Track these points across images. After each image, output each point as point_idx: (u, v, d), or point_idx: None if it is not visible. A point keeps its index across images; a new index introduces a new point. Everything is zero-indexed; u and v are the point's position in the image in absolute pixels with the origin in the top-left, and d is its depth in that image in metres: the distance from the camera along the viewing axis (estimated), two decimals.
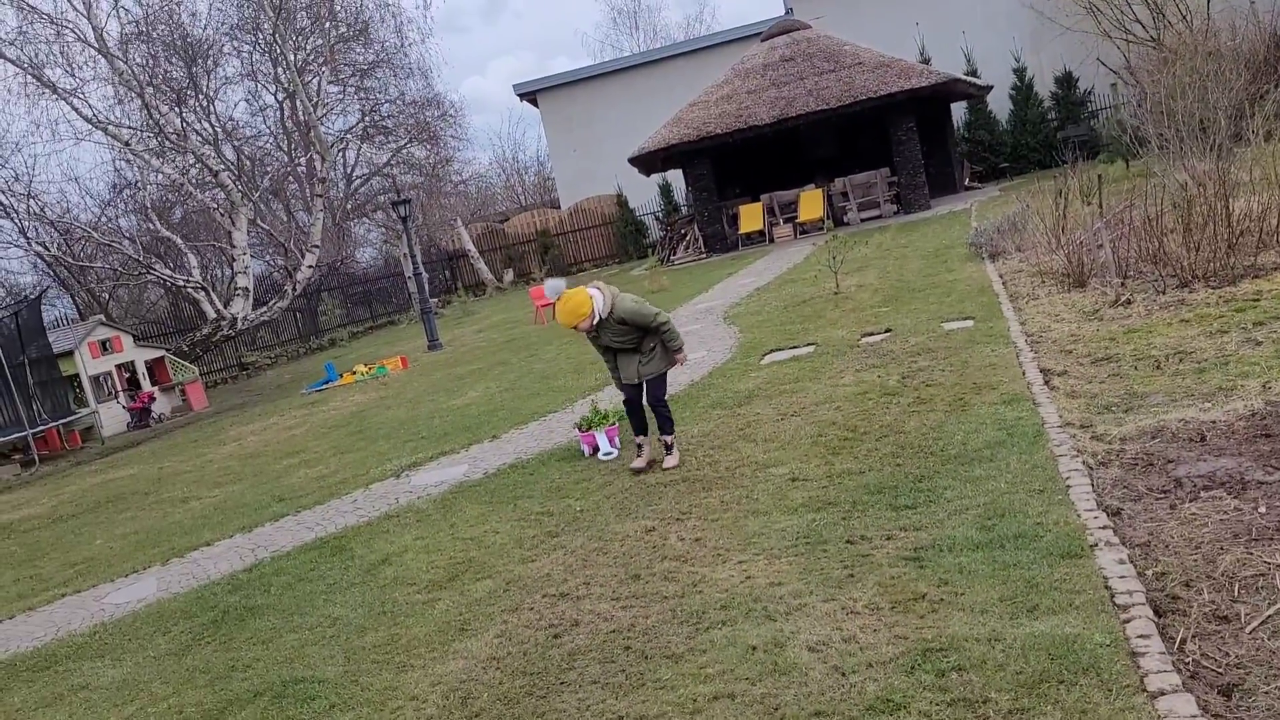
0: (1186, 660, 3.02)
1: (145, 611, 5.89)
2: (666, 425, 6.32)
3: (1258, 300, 7.08)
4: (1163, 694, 2.81)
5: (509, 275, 32.49)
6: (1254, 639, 3.07)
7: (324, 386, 16.46)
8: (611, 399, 8.45)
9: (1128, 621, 3.22)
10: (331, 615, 5.05)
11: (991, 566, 3.83)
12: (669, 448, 6.32)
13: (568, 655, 3.94)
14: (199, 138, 23.97)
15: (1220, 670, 2.95)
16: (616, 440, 6.92)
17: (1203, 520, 3.91)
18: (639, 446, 6.44)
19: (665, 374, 6.35)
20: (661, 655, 3.75)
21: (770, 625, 3.78)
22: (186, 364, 19.50)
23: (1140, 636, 3.12)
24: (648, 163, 25.70)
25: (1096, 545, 3.81)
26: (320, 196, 24.79)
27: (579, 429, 7.08)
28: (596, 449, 6.95)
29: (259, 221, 25.27)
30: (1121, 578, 3.52)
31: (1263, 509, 3.89)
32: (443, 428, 9.56)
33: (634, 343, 6.21)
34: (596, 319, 6.06)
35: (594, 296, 6.08)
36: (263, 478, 9.31)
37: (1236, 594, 3.34)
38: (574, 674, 3.77)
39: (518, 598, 4.68)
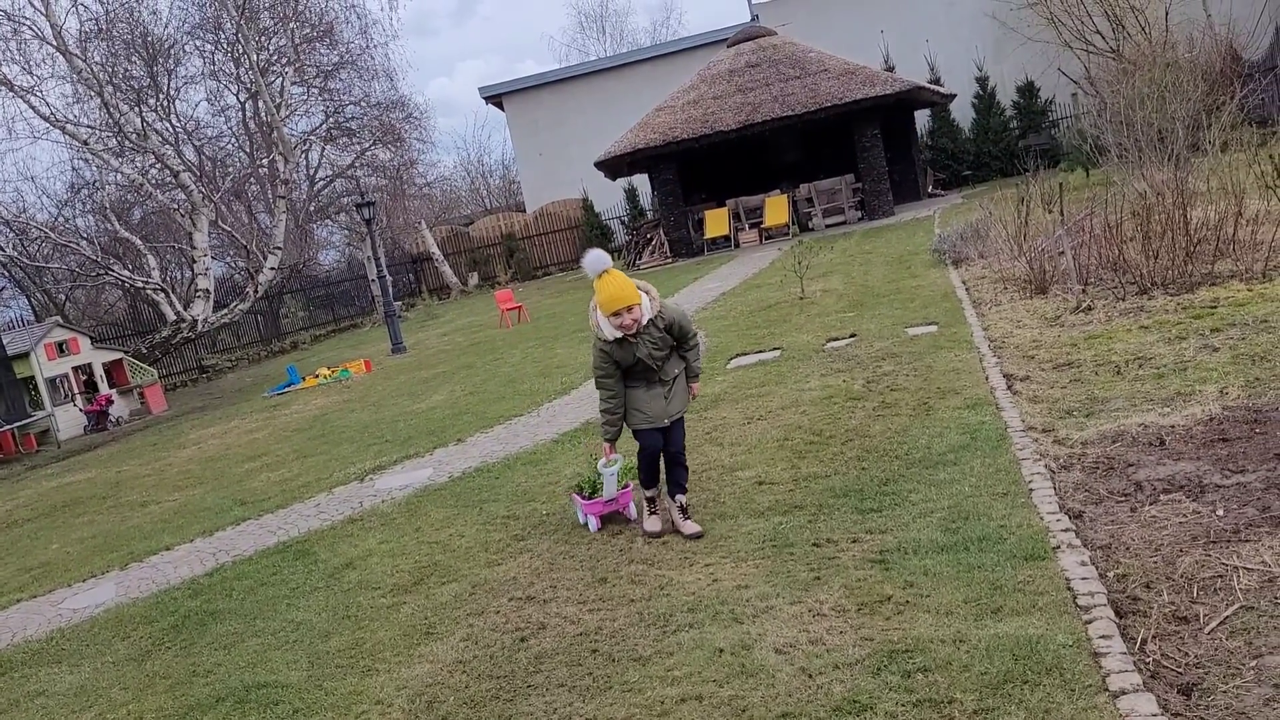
0: (1147, 660, 3.07)
1: (104, 617, 5.78)
2: (684, 478, 5.11)
3: (1215, 307, 7.21)
4: (1124, 693, 2.84)
5: (474, 279, 32.37)
6: (1213, 639, 3.12)
7: (286, 389, 16.28)
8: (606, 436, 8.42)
9: (1090, 622, 3.27)
10: (295, 620, 4.99)
11: (956, 569, 3.87)
12: (685, 509, 5.04)
13: (534, 658, 3.92)
14: (159, 137, 23.64)
15: (1180, 670, 3.00)
16: (633, 506, 5.40)
17: (1162, 523, 3.98)
18: (651, 501, 5.13)
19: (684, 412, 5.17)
20: (629, 658, 3.74)
21: (737, 627, 3.79)
22: (145, 366, 19.22)
23: (1102, 637, 3.16)
24: (614, 167, 25.73)
25: (1059, 548, 3.86)
26: (283, 198, 24.55)
27: (579, 494, 5.50)
28: (605, 520, 5.34)
29: (220, 223, 24.96)
30: (1083, 579, 3.57)
31: (1220, 512, 3.96)
32: (407, 431, 9.49)
33: (660, 361, 4.90)
34: (645, 319, 4.77)
35: (640, 294, 4.78)
36: (223, 481, 9.19)
37: (1195, 595, 3.39)
38: (541, 677, 3.75)
39: (484, 601, 4.65)
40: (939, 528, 4.31)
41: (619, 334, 4.73)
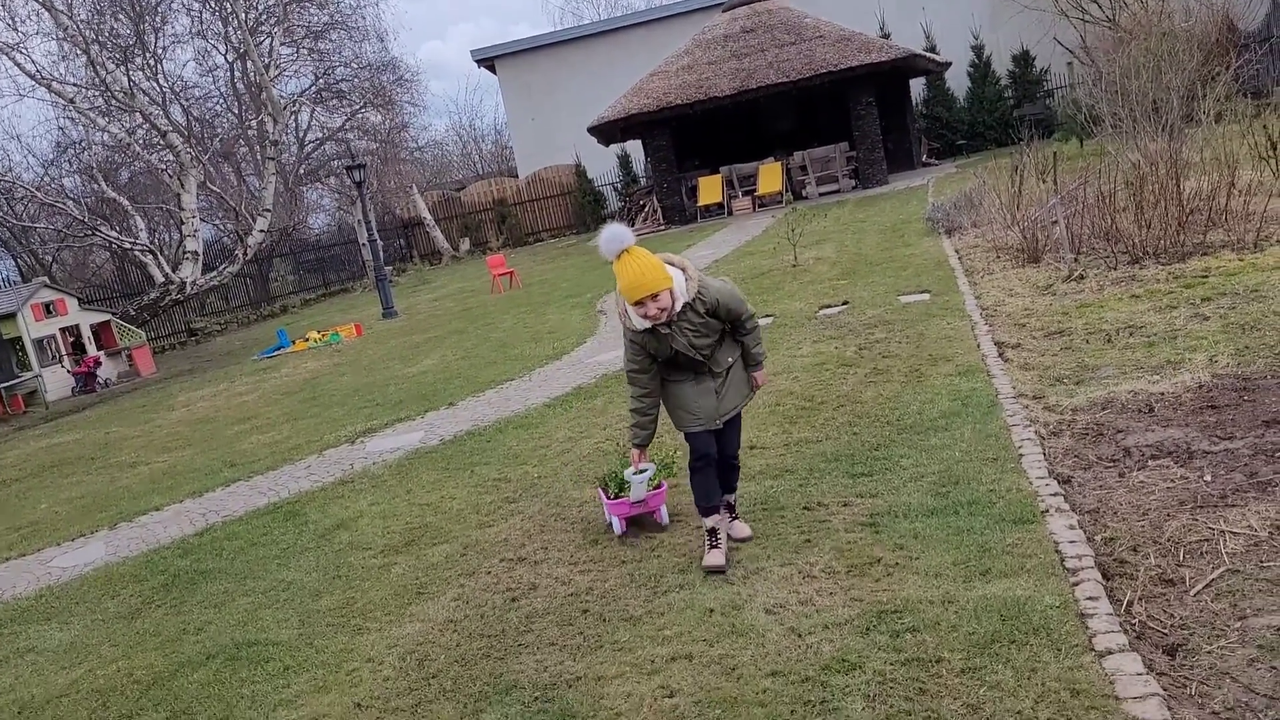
0: (1133, 621, 3.09)
1: (93, 575, 5.79)
2: (735, 480, 4.38)
3: (1206, 277, 7.22)
4: (1110, 653, 2.87)
5: (465, 244, 32.21)
6: (1198, 601, 3.15)
7: (276, 353, 16.24)
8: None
9: (1077, 584, 3.29)
10: (285, 579, 5.00)
11: (945, 532, 3.89)
12: (732, 507, 4.35)
13: (525, 618, 3.94)
14: (146, 97, 23.37)
15: (1165, 631, 3.03)
16: (664, 510, 4.66)
17: (1150, 488, 4.00)
18: (712, 534, 4.11)
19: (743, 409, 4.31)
20: (619, 618, 3.76)
21: (728, 588, 3.81)
22: (133, 328, 19.12)
23: (1089, 599, 3.19)
24: (607, 133, 25.55)
25: (1047, 512, 3.88)
26: (272, 160, 24.34)
27: (603, 491, 4.75)
28: (630, 523, 4.63)
29: (209, 184, 24.76)
30: (1071, 543, 3.59)
31: (1207, 477, 3.98)
32: (398, 395, 9.48)
33: (707, 351, 4.07)
34: (679, 305, 3.94)
35: (673, 274, 3.94)
36: (213, 443, 9.18)
37: (1181, 558, 3.42)
38: (532, 636, 3.77)
39: (475, 562, 4.67)
40: (929, 492, 4.33)
41: (648, 324, 3.94)
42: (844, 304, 9.10)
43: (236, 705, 3.72)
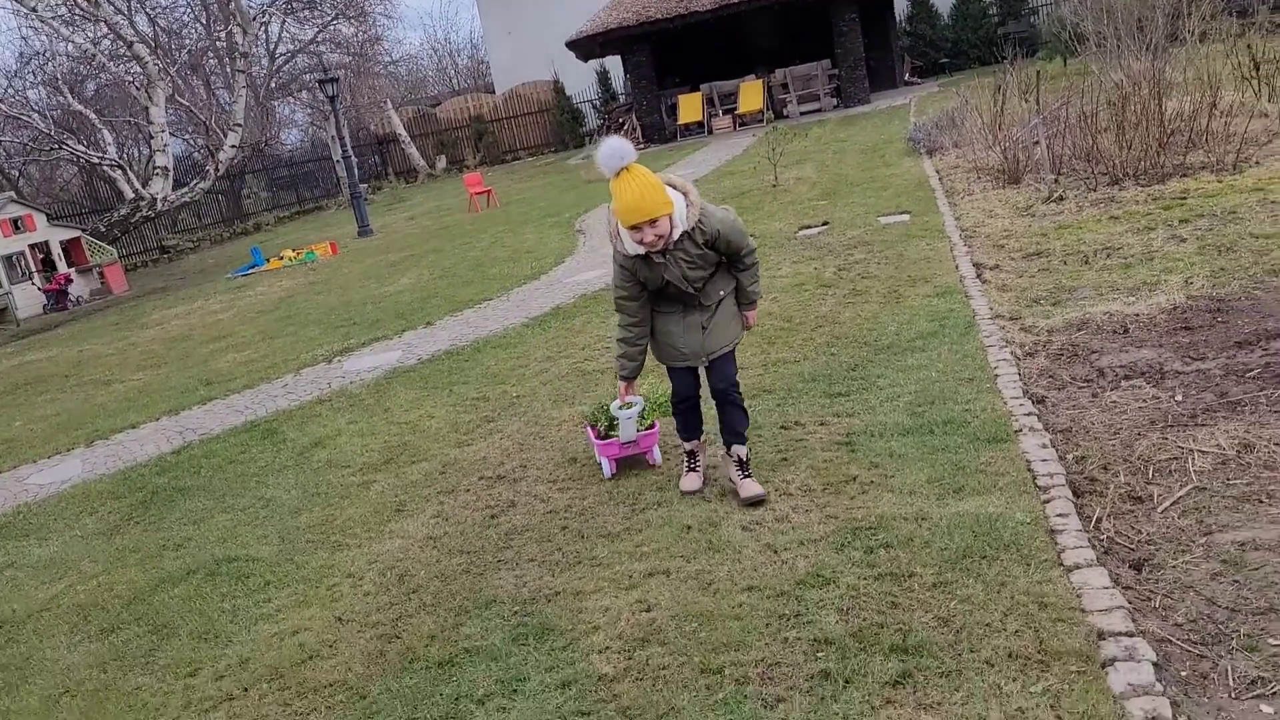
0: (1101, 537, 3.16)
1: (70, 492, 5.79)
2: (741, 423, 3.94)
3: (1184, 199, 7.23)
4: (1078, 568, 2.93)
5: (441, 162, 31.72)
6: (1165, 518, 3.21)
7: (250, 271, 16.06)
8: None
9: (1048, 502, 3.35)
10: (264, 497, 5.02)
11: (920, 450, 3.93)
12: (744, 464, 3.94)
13: (504, 535, 3.98)
14: (111, 6, 22.60)
15: (1132, 547, 3.09)
16: (657, 450, 4.43)
17: (1122, 408, 4.05)
18: (690, 456, 4.14)
19: (735, 346, 3.97)
20: (598, 535, 3.80)
21: (705, 506, 3.85)
22: (104, 245, 18.82)
23: (1059, 516, 3.25)
24: (585, 48, 25.03)
25: (1021, 431, 3.93)
26: (242, 73, 23.71)
27: (592, 429, 4.50)
28: (619, 463, 4.40)
29: (178, 97, 24.13)
30: (1043, 461, 3.64)
31: (1179, 397, 4.04)
32: (375, 314, 9.42)
33: (698, 283, 3.77)
34: (678, 233, 3.63)
35: (673, 199, 3.61)
36: (188, 362, 9.12)
37: (1151, 476, 3.48)
38: (511, 553, 3.81)
39: (454, 480, 4.69)
40: (905, 411, 4.36)
41: (642, 250, 3.66)
42: (824, 224, 9.06)
43: (217, 619, 3.76)
